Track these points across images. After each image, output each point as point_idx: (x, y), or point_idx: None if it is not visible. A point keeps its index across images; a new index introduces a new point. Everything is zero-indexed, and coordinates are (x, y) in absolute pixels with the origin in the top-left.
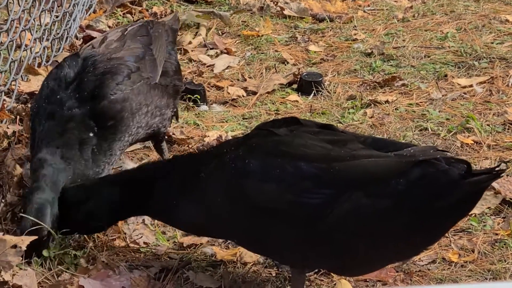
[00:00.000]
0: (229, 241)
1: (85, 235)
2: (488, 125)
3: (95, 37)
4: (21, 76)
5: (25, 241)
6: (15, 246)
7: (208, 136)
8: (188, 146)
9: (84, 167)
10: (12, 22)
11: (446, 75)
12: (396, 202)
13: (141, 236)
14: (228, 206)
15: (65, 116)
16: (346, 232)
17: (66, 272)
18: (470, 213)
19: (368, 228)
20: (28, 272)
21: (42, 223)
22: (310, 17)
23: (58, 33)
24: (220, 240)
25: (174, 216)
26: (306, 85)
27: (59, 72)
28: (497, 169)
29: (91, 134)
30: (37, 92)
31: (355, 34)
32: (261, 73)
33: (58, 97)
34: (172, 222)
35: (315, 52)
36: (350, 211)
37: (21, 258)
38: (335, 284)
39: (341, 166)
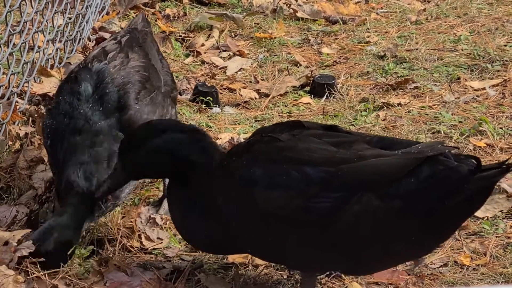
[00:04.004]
0: None
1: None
2: (501, 128)
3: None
4: (34, 77)
5: (16, 236)
6: (7, 243)
7: (221, 138)
8: None
9: None
10: (25, 23)
11: (459, 78)
12: (407, 202)
13: (154, 230)
14: (239, 218)
15: (92, 130)
16: (358, 234)
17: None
18: (482, 217)
19: (380, 229)
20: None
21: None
22: (323, 20)
23: (71, 35)
24: None
25: (182, 227)
26: (318, 87)
27: (76, 87)
28: (506, 163)
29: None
30: (51, 107)
31: (368, 37)
32: (274, 75)
33: (81, 111)
34: (180, 232)
35: (328, 54)
36: (361, 213)
37: (13, 255)
38: (346, 287)
39: (348, 168)
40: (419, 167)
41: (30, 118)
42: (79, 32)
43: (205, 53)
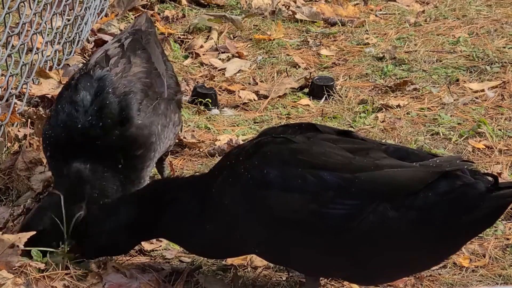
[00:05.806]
0: None
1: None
2: (499, 129)
3: (107, 41)
4: (32, 79)
5: (22, 238)
6: (12, 246)
7: (219, 140)
8: (199, 150)
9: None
10: (24, 25)
11: (457, 80)
12: (423, 215)
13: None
14: (248, 218)
15: (94, 149)
16: (371, 244)
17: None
18: None
19: (393, 240)
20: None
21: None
22: (322, 21)
23: (69, 37)
24: None
25: (189, 241)
26: (317, 89)
27: (75, 96)
28: None
29: (120, 166)
30: (50, 115)
31: (366, 38)
32: (273, 77)
33: (79, 126)
34: (188, 247)
35: (326, 56)
36: (375, 223)
37: (19, 258)
38: None
39: (365, 176)
40: (437, 181)
41: (29, 120)
42: (77, 34)
43: (203, 54)
